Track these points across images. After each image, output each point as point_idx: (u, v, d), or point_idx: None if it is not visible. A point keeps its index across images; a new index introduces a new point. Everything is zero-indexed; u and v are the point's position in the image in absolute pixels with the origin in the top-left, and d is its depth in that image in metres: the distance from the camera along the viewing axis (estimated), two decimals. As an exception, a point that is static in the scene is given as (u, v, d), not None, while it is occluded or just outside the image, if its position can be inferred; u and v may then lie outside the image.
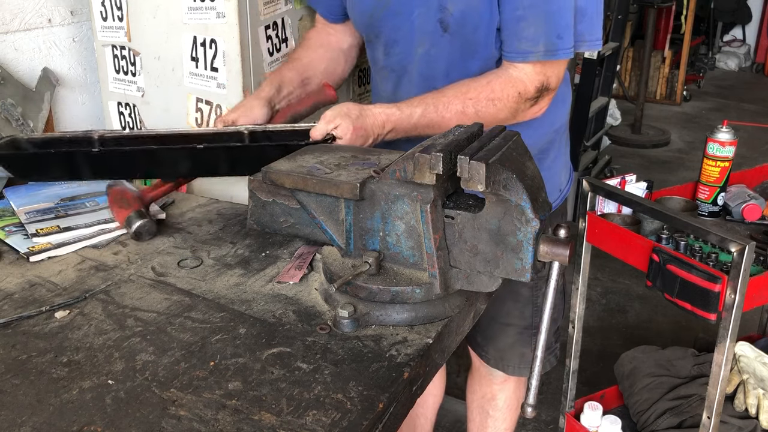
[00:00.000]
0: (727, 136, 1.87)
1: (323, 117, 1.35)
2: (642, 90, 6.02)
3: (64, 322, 1.10)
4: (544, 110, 1.48)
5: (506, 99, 1.41)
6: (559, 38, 1.39)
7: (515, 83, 1.41)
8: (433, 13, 1.45)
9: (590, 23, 1.45)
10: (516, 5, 1.39)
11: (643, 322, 3.36)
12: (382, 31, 1.55)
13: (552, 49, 1.40)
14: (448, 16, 1.43)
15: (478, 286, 1.08)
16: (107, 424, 0.88)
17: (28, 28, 1.94)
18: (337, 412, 0.89)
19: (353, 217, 1.10)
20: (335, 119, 1.33)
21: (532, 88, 1.43)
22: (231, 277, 1.24)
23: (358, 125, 1.32)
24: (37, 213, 1.45)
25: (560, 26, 1.39)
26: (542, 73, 1.43)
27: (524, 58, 1.41)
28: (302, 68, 1.66)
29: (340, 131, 1.32)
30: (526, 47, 1.40)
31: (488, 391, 1.97)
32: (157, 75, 1.90)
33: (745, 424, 1.93)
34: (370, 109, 1.36)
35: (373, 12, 1.54)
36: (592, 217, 1.84)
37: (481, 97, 1.39)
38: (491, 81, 1.42)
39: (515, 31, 1.41)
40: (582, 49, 1.46)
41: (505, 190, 0.98)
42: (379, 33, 1.56)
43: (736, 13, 8.63)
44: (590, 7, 1.44)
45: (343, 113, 1.33)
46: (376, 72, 1.67)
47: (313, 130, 1.35)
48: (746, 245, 1.44)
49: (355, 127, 1.32)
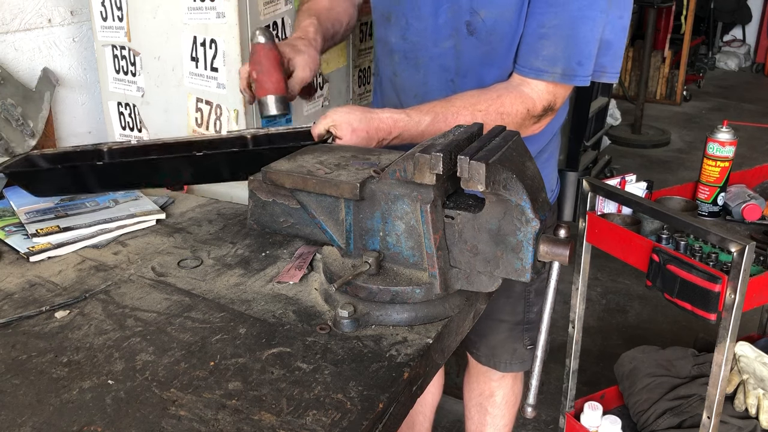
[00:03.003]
0: (727, 136, 1.87)
1: (325, 114, 1.35)
2: (642, 90, 6.02)
3: (64, 322, 1.10)
4: (542, 128, 1.48)
5: (515, 115, 1.39)
6: (579, 65, 1.38)
7: (525, 100, 1.40)
8: (462, 14, 1.43)
9: (614, 57, 1.44)
10: (542, 22, 1.37)
11: (643, 322, 3.36)
12: (405, 14, 1.52)
13: (569, 74, 1.39)
14: (479, 20, 1.42)
15: (478, 286, 1.08)
16: (107, 424, 0.88)
17: (28, 28, 1.94)
18: (337, 412, 0.89)
19: (353, 217, 1.10)
20: (335, 117, 1.32)
21: (540, 106, 1.42)
22: (231, 277, 1.24)
23: (360, 127, 1.31)
24: (37, 213, 1.45)
25: (583, 53, 1.38)
26: (552, 93, 1.42)
27: (538, 75, 1.40)
28: (333, 20, 1.62)
29: (339, 131, 1.31)
30: (542, 65, 1.39)
31: (486, 388, 1.97)
32: (157, 75, 1.90)
33: (745, 424, 1.93)
34: (377, 113, 1.34)
35: None
36: (592, 217, 1.84)
37: (491, 110, 1.38)
38: (501, 95, 1.40)
39: (535, 47, 1.39)
40: (602, 79, 1.45)
41: (505, 190, 0.98)
42: (399, 16, 1.53)
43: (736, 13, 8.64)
44: (616, 42, 1.43)
45: (345, 112, 1.32)
46: (386, 54, 1.62)
47: (313, 128, 1.35)
48: (746, 245, 1.44)
49: (355, 129, 1.30)
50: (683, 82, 7.24)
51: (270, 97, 1.33)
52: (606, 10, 1.37)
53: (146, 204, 1.51)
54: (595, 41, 1.38)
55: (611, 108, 5.73)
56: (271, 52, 1.35)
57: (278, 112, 1.34)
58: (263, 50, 1.35)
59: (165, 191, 1.62)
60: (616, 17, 1.41)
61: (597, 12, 1.35)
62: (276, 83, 1.33)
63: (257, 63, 1.35)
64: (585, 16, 1.35)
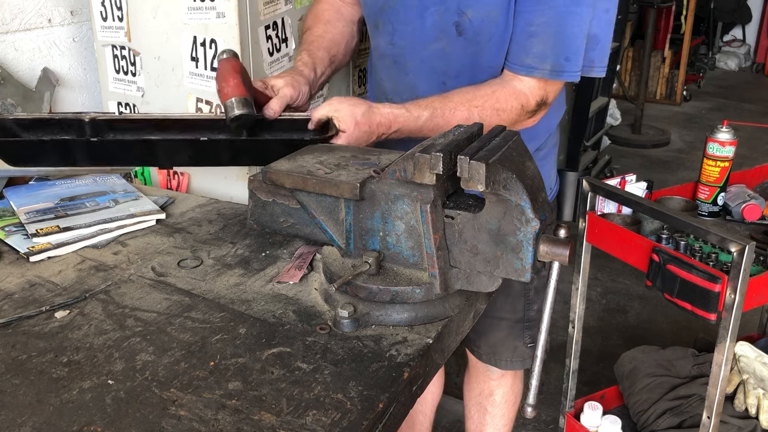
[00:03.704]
0: (727, 136, 1.87)
1: (328, 101, 1.35)
2: (642, 90, 6.02)
3: (64, 322, 1.10)
4: (536, 122, 1.51)
5: (510, 110, 1.42)
6: (567, 60, 1.41)
7: (519, 96, 1.43)
8: (450, 15, 1.45)
9: (602, 51, 1.47)
10: (530, 21, 1.40)
11: (643, 322, 3.36)
12: (391, 20, 1.54)
13: (558, 70, 1.41)
14: (466, 21, 1.43)
15: (478, 286, 1.08)
16: (107, 424, 0.88)
17: (28, 28, 1.94)
18: (337, 412, 0.89)
19: (353, 217, 1.10)
20: (338, 106, 1.32)
21: (533, 102, 1.45)
22: (231, 277, 1.24)
23: (363, 120, 1.32)
24: (37, 213, 1.45)
25: (570, 49, 1.40)
26: (544, 89, 1.45)
27: (529, 72, 1.43)
28: (328, 46, 1.63)
29: (342, 122, 1.31)
30: (532, 62, 1.42)
31: (485, 387, 1.97)
32: (157, 75, 1.90)
33: (745, 424, 1.93)
34: (379, 107, 1.36)
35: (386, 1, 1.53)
36: (592, 217, 1.84)
37: (486, 105, 1.40)
38: (496, 91, 1.43)
39: (524, 45, 1.42)
40: (591, 74, 1.47)
41: (505, 190, 0.98)
42: (385, 22, 1.55)
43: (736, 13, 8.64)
44: (604, 37, 1.46)
45: (349, 105, 1.33)
46: (377, 58, 1.64)
47: (314, 111, 1.35)
48: (746, 245, 1.44)
49: (358, 122, 1.31)
50: (683, 82, 7.24)
51: (230, 100, 1.34)
52: (592, 5, 1.39)
53: (146, 204, 1.51)
54: (583, 36, 1.40)
55: (611, 108, 5.73)
56: (230, 62, 1.37)
57: (240, 112, 1.34)
58: (223, 63, 1.38)
59: (165, 191, 1.62)
60: (603, 11, 1.43)
61: (583, 7, 1.38)
62: (234, 87, 1.35)
63: (218, 75, 1.38)
64: (571, 12, 1.37)
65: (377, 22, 1.59)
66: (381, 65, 1.63)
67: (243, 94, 1.34)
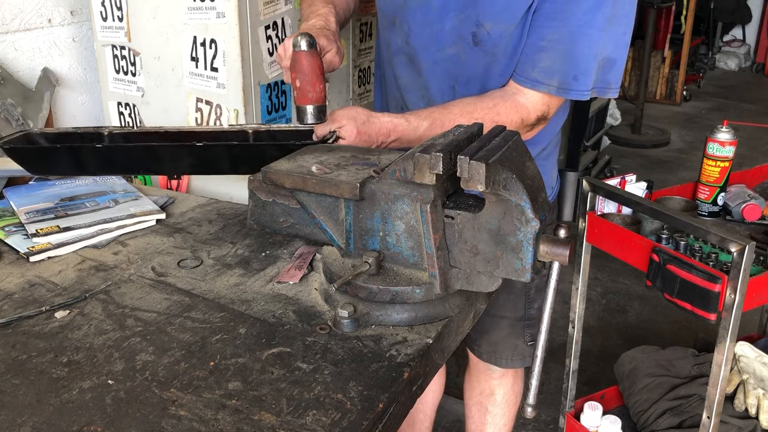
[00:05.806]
0: (727, 136, 1.87)
1: (331, 116, 1.37)
2: (642, 90, 6.02)
3: (64, 322, 1.10)
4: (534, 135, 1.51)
5: (509, 124, 1.42)
6: (575, 80, 1.40)
7: (520, 110, 1.43)
8: (469, 25, 1.45)
9: (617, 73, 1.46)
10: (542, 35, 1.40)
11: (643, 322, 3.36)
12: (408, 19, 1.54)
13: (565, 88, 1.41)
14: (483, 32, 1.44)
15: (478, 286, 1.08)
16: (107, 424, 0.88)
17: (28, 28, 1.94)
18: (337, 412, 0.89)
19: (353, 217, 1.10)
20: (342, 120, 1.34)
21: (534, 116, 1.45)
22: (231, 277, 1.24)
23: (363, 130, 1.34)
24: (37, 213, 1.45)
25: (579, 69, 1.40)
26: (546, 104, 1.45)
27: (534, 86, 1.43)
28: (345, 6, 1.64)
29: (344, 132, 1.34)
30: (538, 77, 1.42)
31: (486, 387, 1.97)
32: (157, 75, 1.90)
33: (745, 424, 1.93)
34: (378, 117, 1.37)
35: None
36: (592, 217, 1.84)
37: (486, 118, 1.40)
38: (497, 104, 1.43)
39: (533, 58, 1.42)
40: (608, 95, 1.47)
41: (505, 190, 0.98)
42: (403, 20, 1.55)
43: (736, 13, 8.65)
44: (620, 59, 1.45)
45: (351, 116, 1.35)
46: (393, 54, 1.63)
47: (318, 127, 1.36)
48: (746, 245, 1.44)
49: (360, 132, 1.34)
50: (683, 82, 7.25)
51: (310, 107, 1.35)
52: (605, 29, 1.38)
53: (146, 204, 1.51)
54: (593, 57, 1.40)
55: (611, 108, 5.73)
56: (315, 60, 1.35)
57: (316, 121, 1.36)
58: (307, 59, 1.35)
59: (165, 191, 1.62)
60: (620, 34, 1.42)
61: (595, 30, 1.38)
62: (318, 93, 1.35)
63: (300, 71, 1.35)
64: (584, 33, 1.38)
65: (394, 19, 1.59)
66: (397, 62, 1.63)
67: (322, 102, 1.36)
